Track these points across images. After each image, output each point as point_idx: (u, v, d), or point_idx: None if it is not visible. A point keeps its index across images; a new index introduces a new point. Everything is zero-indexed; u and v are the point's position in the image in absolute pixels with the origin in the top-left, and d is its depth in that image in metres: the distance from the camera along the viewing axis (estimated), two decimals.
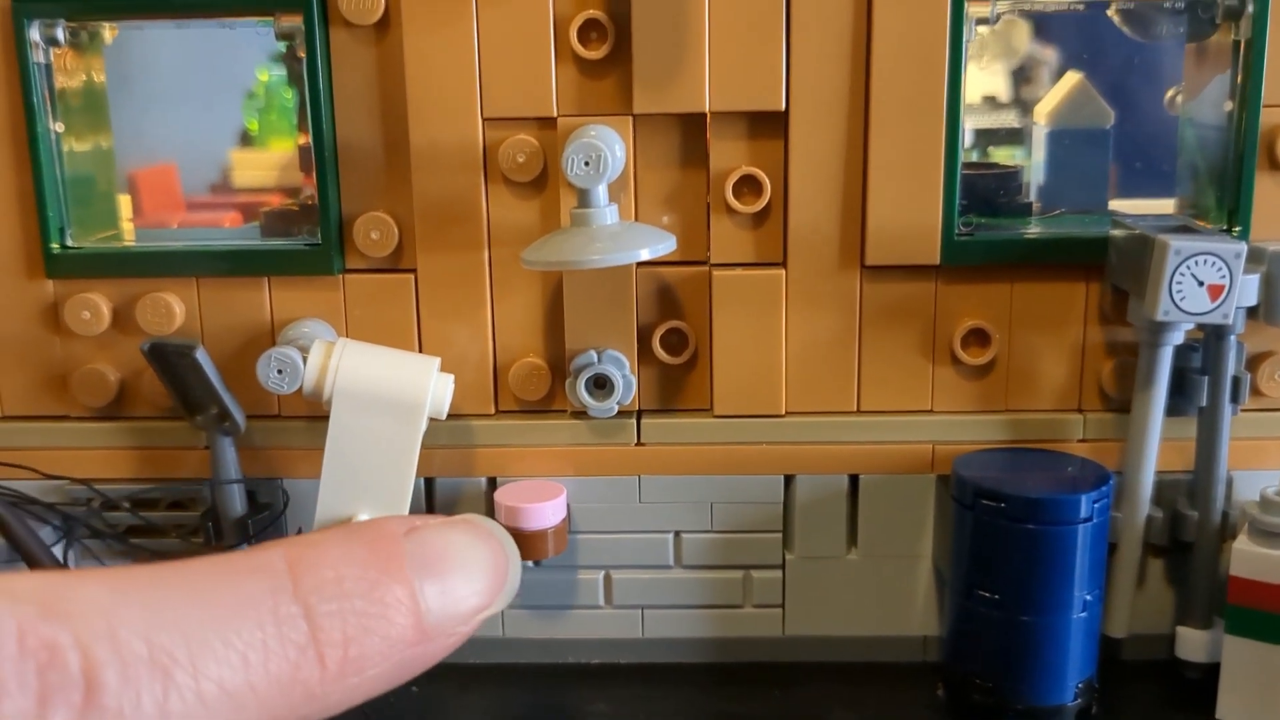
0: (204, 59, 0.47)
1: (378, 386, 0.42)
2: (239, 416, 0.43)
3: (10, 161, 0.43)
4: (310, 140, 0.43)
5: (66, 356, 0.45)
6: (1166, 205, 0.46)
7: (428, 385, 0.42)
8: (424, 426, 0.42)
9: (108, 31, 0.44)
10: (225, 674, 0.16)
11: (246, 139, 0.49)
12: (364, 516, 0.43)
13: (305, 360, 0.41)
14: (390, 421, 0.42)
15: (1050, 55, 0.47)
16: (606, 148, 0.39)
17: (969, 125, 0.45)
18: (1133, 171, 0.48)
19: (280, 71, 0.46)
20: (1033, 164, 0.48)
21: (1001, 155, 0.48)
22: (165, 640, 0.16)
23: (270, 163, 0.49)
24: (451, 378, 0.43)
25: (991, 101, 0.48)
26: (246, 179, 0.49)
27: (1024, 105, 0.47)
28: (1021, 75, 0.47)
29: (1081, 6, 0.44)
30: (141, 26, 0.44)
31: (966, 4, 0.41)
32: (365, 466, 0.42)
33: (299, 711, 0.17)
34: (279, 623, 0.17)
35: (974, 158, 0.47)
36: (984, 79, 0.46)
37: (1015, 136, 0.47)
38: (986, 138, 0.47)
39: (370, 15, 0.42)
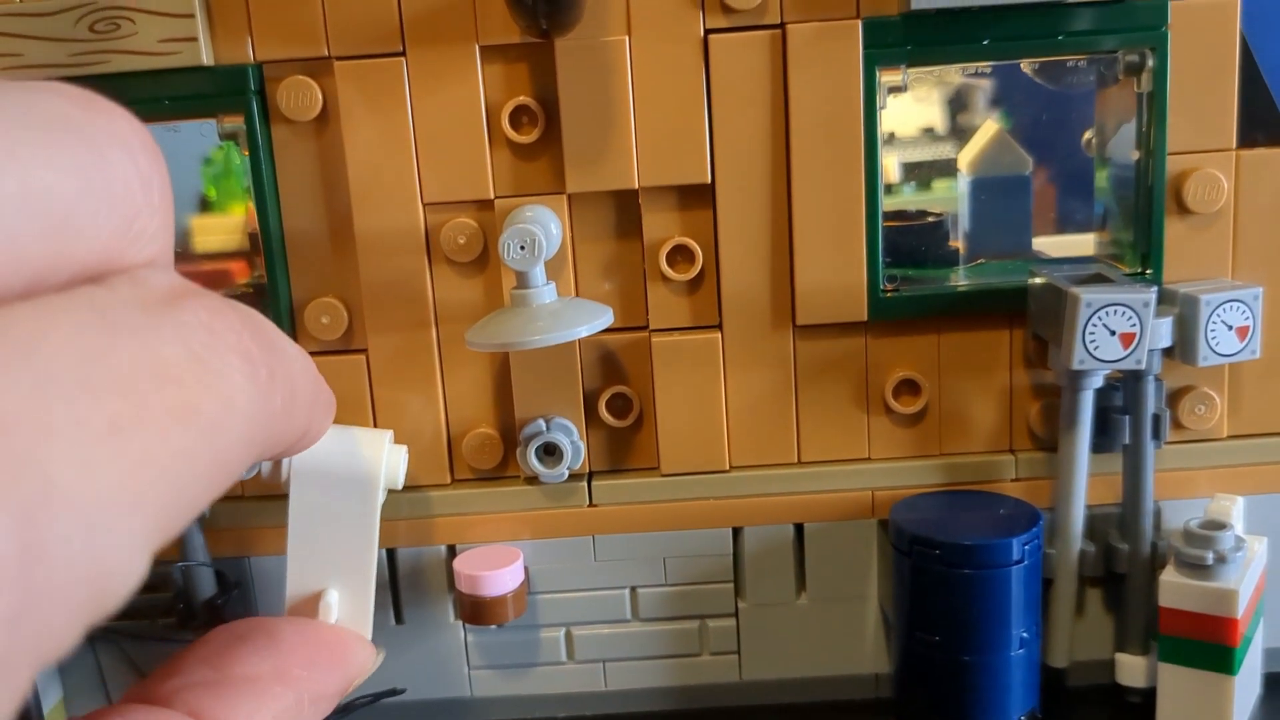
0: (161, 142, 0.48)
1: (333, 464, 0.43)
2: None
3: None
4: (259, 231, 0.45)
5: None
6: (1087, 240, 0.48)
7: (381, 459, 0.43)
8: (381, 499, 0.44)
9: None
10: None
11: (206, 204, 0.50)
12: (333, 591, 0.44)
13: None
14: (348, 497, 0.43)
15: (982, 84, 0.48)
16: (541, 230, 0.41)
17: (900, 159, 0.46)
18: (1053, 212, 0.49)
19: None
20: (957, 209, 0.49)
21: (940, 187, 0.49)
22: None
23: (230, 227, 0.50)
24: (405, 449, 0.44)
25: (930, 133, 0.49)
26: (208, 244, 0.50)
27: (959, 133, 0.49)
28: (958, 104, 0.49)
29: (988, 69, 0.45)
30: None
31: (879, 73, 0.43)
32: (328, 542, 0.44)
33: None
34: None
35: (905, 192, 0.48)
36: (917, 109, 0.48)
37: (945, 169, 0.48)
38: (915, 171, 0.48)
39: (309, 111, 0.43)
